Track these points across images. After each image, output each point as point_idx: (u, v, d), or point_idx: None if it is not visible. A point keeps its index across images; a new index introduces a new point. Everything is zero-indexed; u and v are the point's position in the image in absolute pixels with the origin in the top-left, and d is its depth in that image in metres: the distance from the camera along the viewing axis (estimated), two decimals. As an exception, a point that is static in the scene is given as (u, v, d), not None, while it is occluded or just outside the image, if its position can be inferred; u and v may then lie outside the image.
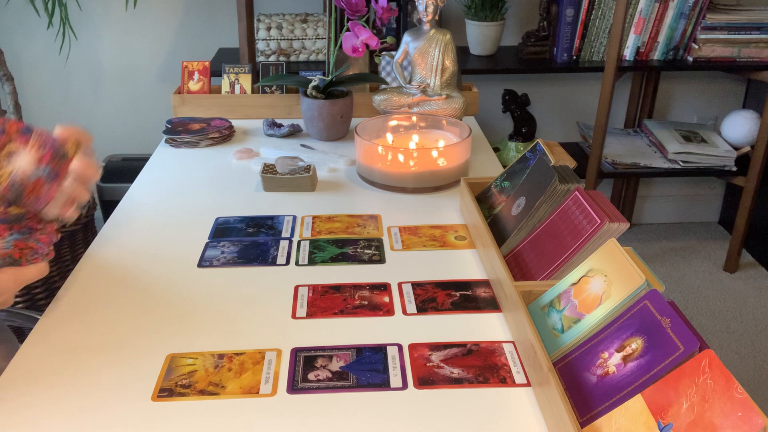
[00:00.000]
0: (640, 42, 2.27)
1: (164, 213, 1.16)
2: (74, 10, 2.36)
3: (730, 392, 0.55)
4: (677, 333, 0.64)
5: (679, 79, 2.65)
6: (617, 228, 0.83)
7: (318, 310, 0.89)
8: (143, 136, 2.58)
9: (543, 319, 0.79)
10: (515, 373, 0.77)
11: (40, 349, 0.81)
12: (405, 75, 1.46)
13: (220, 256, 1.02)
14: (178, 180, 1.30)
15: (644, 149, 2.47)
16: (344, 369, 0.78)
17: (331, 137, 1.47)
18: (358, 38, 1.33)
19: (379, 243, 1.06)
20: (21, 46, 2.42)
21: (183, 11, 2.43)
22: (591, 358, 0.70)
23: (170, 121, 1.51)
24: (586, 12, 2.27)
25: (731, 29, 2.23)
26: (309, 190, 1.24)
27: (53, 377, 0.77)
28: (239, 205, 1.19)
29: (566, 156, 1.05)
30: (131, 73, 2.51)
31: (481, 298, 0.92)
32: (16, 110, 2.23)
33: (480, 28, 2.34)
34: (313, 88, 1.43)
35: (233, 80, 1.61)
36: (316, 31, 2.24)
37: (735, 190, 2.71)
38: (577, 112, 2.67)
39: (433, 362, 0.79)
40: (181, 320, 0.87)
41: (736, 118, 2.43)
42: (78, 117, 2.55)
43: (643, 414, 0.60)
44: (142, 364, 0.79)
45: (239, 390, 0.75)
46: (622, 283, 0.73)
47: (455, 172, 1.25)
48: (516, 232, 0.96)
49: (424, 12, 1.39)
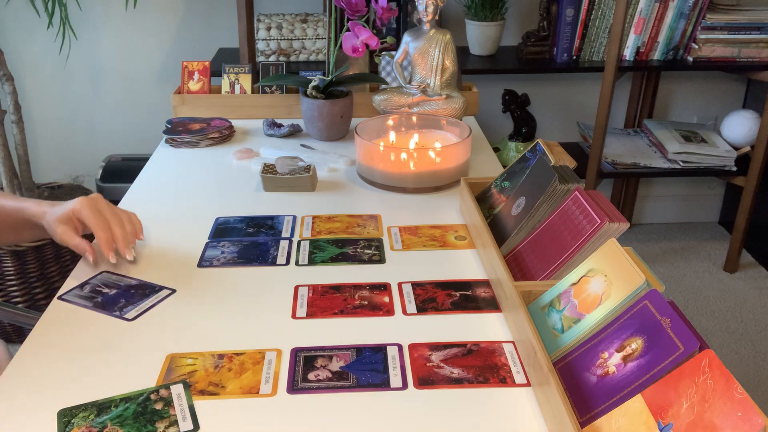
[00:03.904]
0: (640, 42, 2.27)
1: (164, 213, 1.16)
2: (74, 10, 2.36)
3: (730, 392, 0.55)
4: (677, 333, 0.64)
5: (679, 79, 2.65)
6: (617, 228, 0.83)
7: (318, 310, 0.89)
8: (143, 136, 2.58)
9: (543, 319, 0.79)
10: (515, 373, 0.77)
11: (40, 349, 0.81)
12: (405, 75, 1.46)
13: (220, 256, 1.02)
14: (178, 180, 1.30)
15: (644, 149, 2.46)
16: (344, 369, 0.78)
17: (331, 137, 1.47)
18: (358, 38, 1.33)
19: (379, 243, 1.06)
20: (21, 46, 2.42)
21: (183, 11, 2.43)
22: (591, 358, 0.70)
23: (170, 121, 1.51)
24: (586, 12, 2.27)
25: (731, 29, 2.23)
26: (309, 190, 1.24)
27: (53, 377, 0.77)
28: (239, 205, 1.19)
29: (566, 156, 1.05)
30: (131, 73, 2.51)
31: (481, 298, 0.92)
32: (16, 110, 2.23)
33: (480, 28, 2.33)
34: (313, 88, 1.43)
35: (233, 80, 1.61)
36: (316, 31, 2.24)
37: (735, 190, 2.71)
38: (577, 112, 2.67)
39: (433, 362, 0.79)
40: (181, 320, 0.87)
41: (736, 118, 2.43)
42: (78, 117, 2.55)
43: (643, 414, 0.60)
44: (142, 364, 0.79)
45: (239, 390, 0.75)
46: (622, 283, 0.73)
47: (455, 172, 1.25)
48: (516, 232, 0.96)
49: (424, 12, 1.39)
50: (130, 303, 0.90)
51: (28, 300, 2.00)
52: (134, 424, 0.69)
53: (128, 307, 0.89)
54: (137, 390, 0.74)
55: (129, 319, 0.87)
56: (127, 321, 0.86)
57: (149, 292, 0.92)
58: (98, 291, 0.92)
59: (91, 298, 0.91)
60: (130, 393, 0.74)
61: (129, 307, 0.89)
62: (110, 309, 0.88)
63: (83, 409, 0.71)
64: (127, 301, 0.90)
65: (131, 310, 0.89)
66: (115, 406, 0.71)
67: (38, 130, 2.56)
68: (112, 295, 0.91)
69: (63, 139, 2.58)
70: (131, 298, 0.91)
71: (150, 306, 0.89)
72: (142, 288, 0.93)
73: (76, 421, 0.69)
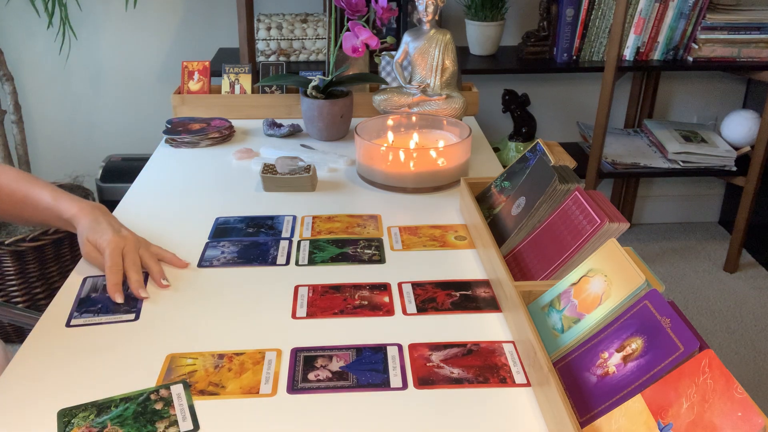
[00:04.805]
0: (640, 42, 2.27)
1: (164, 213, 1.16)
2: (74, 10, 2.36)
3: (730, 392, 0.55)
4: (677, 333, 0.64)
5: (679, 79, 2.65)
6: (617, 228, 0.83)
7: (318, 310, 0.89)
8: (143, 136, 2.58)
9: (543, 319, 0.79)
10: (515, 373, 0.77)
11: (40, 349, 0.81)
12: (405, 75, 1.46)
13: (220, 256, 1.02)
14: (178, 180, 1.30)
15: (644, 149, 2.46)
16: (344, 369, 0.78)
17: (331, 137, 1.48)
18: (358, 38, 1.33)
19: (379, 243, 1.06)
20: (21, 46, 2.42)
21: (183, 11, 2.43)
22: (591, 358, 0.70)
23: (170, 121, 1.51)
24: (586, 12, 2.27)
25: (731, 29, 2.23)
26: (309, 190, 1.24)
27: (53, 377, 0.77)
28: (239, 205, 1.19)
29: (566, 156, 1.05)
30: (131, 73, 2.51)
31: (481, 298, 0.92)
32: (16, 110, 2.23)
33: (480, 28, 2.33)
34: (313, 88, 1.43)
35: (233, 80, 1.61)
36: (316, 31, 2.24)
37: (735, 190, 2.71)
38: (577, 112, 2.67)
39: (433, 362, 0.79)
40: (181, 320, 0.87)
41: (736, 118, 2.43)
42: (78, 117, 2.55)
43: (643, 414, 0.60)
44: (142, 364, 0.79)
45: (239, 390, 0.75)
46: (622, 283, 0.73)
47: (455, 172, 1.25)
48: (516, 232, 0.96)
49: (424, 12, 1.39)
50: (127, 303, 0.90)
51: (28, 300, 2.00)
52: (134, 424, 0.69)
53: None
54: (137, 390, 0.74)
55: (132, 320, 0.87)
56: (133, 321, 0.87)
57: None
58: (92, 299, 0.91)
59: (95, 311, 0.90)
60: (130, 393, 0.74)
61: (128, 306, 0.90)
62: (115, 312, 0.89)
63: (83, 409, 0.71)
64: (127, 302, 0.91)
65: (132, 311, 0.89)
66: (115, 406, 0.72)
67: (38, 130, 2.56)
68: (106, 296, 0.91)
69: (63, 139, 2.58)
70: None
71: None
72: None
73: (76, 421, 0.69)
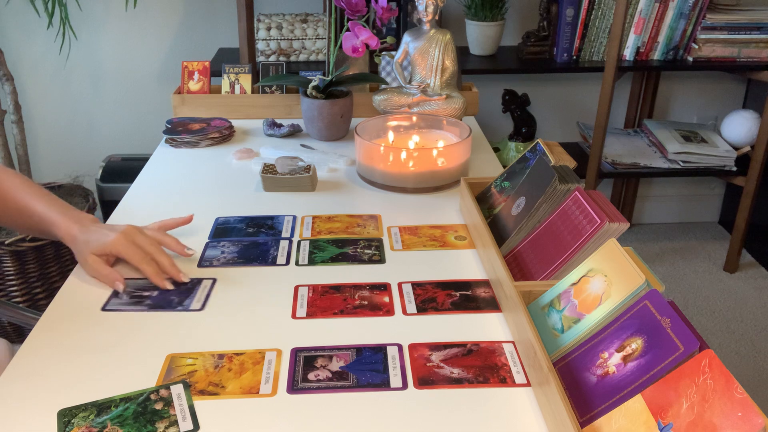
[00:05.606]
0: (640, 42, 2.27)
1: (164, 213, 1.16)
2: (74, 10, 2.36)
3: (730, 392, 0.55)
4: (677, 333, 0.64)
5: (679, 79, 2.65)
6: (617, 228, 0.83)
7: (318, 310, 0.89)
8: (143, 136, 2.58)
9: (543, 319, 0.79)
10: (515, 373, 0.77)
11: (40, 349, 0.81)
12: (405, 75, 1.46)
13: (220, 256, 1.02)
14: (178, 180, 1.30)
15: (644, 149, 2.46)
16: (344, 369, 0.78)
17: (331, 137, 1.48)
18: (358, 38, 1.33)
19: (379, 243, 1.06)
20: (21, 46, 2.42)
21: (183, 11, 2.43)
22: (591, 358, 0.70)
23: (170, 121, 1.51)
24: (586, 12, 2.27)
25: (731, 29, 2.23)
26: (309, 190, 1.24)
27: (53, 377, 0.77)
28: (239, 205, 1.19)
29: (566, 156, 1.05)
30: (131, 73, 2.51)
31: (481, 298, 0.92)
32: (16, 110, 2.23)
33: (480, 28, 2.34)
34: (313, 88, 1.43)
35: (233, 80, 1.61)
36: (316, 31, 2.24)
37: (735, 190, 2.71)
38: (577, 112, 2.67)
39: (433, 362, 0.79)
40: (181, 320, 0.87)
41: (736, 118, 2.43)
42: (78, 117, 2.55)
43: (643, 414, 0.60)
44: (142, 364, 0.79)
45: (239, 390, 0.75)
46: (622, 283, 0.73)
47: (455, 172, 1.25)
48: (516, 232, 0.96)
49: (424, 12, 1.39)
50: (184, 297, 0.91)
51: (28, 300, 2.00)
52: (134, 424, 0.69)
53: (187, 301, 0.90)
54: (137, 390, 0.74)
55: (198, 309, 0.89)
56: (197, 311, 0.88)
57: (191, 285, 0.94)
58: (140, 296, 0.92)
59: (139, 302, 0.90)
60: (130, 393, 0.74)
61: (187, 301, 0.90)
62: (170, 307, 0.89)
63: (83, 409, 0.71)
64: (180, 297, 0.91)
65: (192, 301, 0.90)
66: (115, 406, 0.72)
67: (38, 130, 2.56)
68: (157, 296, 0.91)
69: (63, 139, 2.58)
70: (179, 294, 0.92)
71: (207, 295, 0.92)
72: (182, 284, 0.94)
73: (76, 421, 0.69)
